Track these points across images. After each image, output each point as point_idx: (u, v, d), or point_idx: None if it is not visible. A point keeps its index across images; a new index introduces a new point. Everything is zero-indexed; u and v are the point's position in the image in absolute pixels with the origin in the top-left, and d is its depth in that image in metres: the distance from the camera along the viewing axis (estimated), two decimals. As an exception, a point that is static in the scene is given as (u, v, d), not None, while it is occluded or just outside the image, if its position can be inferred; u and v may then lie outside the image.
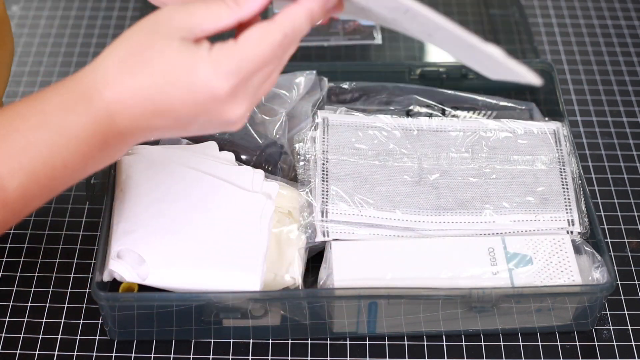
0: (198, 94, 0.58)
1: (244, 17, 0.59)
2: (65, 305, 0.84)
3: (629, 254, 0.89)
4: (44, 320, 0.83)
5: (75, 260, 0.87)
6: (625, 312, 0.84)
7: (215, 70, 0.57)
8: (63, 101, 0.58)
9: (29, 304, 0.84)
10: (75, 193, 0.94)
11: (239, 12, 0.58)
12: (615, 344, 0.81)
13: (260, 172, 0.84)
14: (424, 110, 0.95)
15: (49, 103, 0.59)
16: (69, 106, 0.58)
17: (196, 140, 0.88)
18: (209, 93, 0.58)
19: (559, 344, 0.81)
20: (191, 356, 0.80)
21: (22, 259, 0.88)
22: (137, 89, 0.58)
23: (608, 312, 0.84)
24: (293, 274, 0.80)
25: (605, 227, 0.92)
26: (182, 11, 0.58)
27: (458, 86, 0.99)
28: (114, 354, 0.80)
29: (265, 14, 0.62)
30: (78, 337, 0.82)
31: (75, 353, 0.80)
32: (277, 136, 0.90)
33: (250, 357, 0.80)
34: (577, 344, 0.81)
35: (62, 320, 0.83)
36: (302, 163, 0.87)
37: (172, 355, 0.80)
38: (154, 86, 0.58)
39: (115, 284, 0.80)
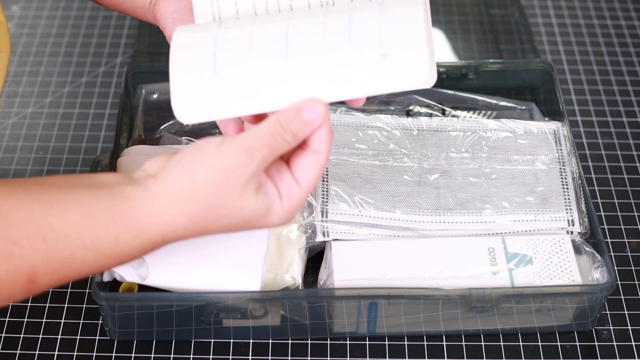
0: (264, 228, 0.64)
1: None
2: (65, 305, 0.84)
3: (629, 254, 0.89)
4: (44, 320, 0.83)
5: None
6: (625, 312, 0.84)
7: (286, 219, 0.63)
8: (120, 234, 0.59)
9: (29, 304, 0.84)
10: (75, 193, 0.94)
11: (295, 144, 0.62)
12: (615, 344, 0.81)
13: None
14: (424, 110, 0.95)
15: (105, 229, 0.59)
16: (124, 240, 0.59)
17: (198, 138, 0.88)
18: (274, 226, 0.64)
19: (559, 344, 0.81)
20: (191, 356, 0.80)
21: (22, 259, 0.88)
22: (205, 233, 0.62)
23: (608, 312, 0.84)
24: (293, 274, 0.80)
25: (605, 227, 0.92)
26: (247, 160, 0.60)
27: (458, 86, 0.99)
28: (114, 354, 0.80)
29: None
30: (78, 337, 0.82)
31: (75, 353, 0.80)
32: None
33: (250, 357, 0.80)
34: (577, 344, 0.81)
35: (62, 321, 0.83)
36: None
37: (172, 355, 0.80)
38: (226, 229, 0.63)
39: (115, 284, 0.80)
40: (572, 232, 0.83)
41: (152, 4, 0.78)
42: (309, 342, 0.81)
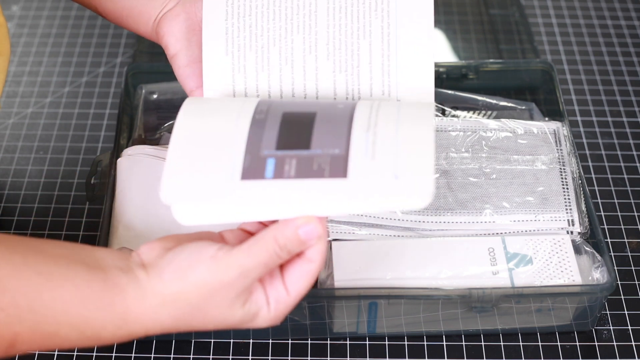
0: (247, 328, 0.64)
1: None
2: (65, 305, 0.84)
3: (629, 254, 0.89)
4: (44, 320, 0.83)
5: (75, 260, 0.87)
6: (625, 312, 0.84)
7: (271, 323, 0.64)
8: (106, 322, 0.60)
9: (29, 304, 0.84)
10: (75, 193, 0.95)
11: (288, 258, 0.62)
12: (615, 344, 0.81)
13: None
14: (424, 110, 0.95)
15: (92, 314, 0.59)
16: (109, 328, 0.60)
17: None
18: (257, 328, 0.64)
19: (559, 344, 0.81)
20: (191, 356, 0.80)
21: (22, 259, 0.88)
22: (189, 330, 0.63)
23: (608, 312, 0.84)
24: (293, 274, 0.80)
25: (605, 227, 0.92)
26: (240, 280, 0.60)
27: (458, 86, 0.99)
28: (114, 354, 0.80)
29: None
30: (78, 337, 0.81)
31: (75, 353, 0.80)
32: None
33: (250, 357, 0.80)
34: (577, 344, 0.81)
35: (62, 320, 0.83)
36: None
37: (172, 355, 0.80)
38: (209, 329, 0.63)
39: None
40: (572, 232, 0.83)
41: (156, 21, 0.79)
42: (309, 342, 0.81)
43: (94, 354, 0.80)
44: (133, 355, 0.80)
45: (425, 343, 0.81)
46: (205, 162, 0.64)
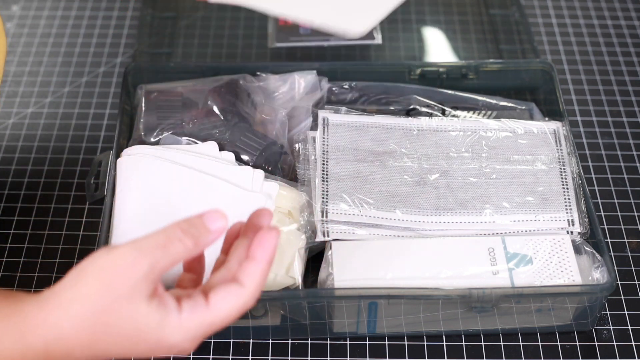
0: (162, 351, 0.59)
1: (198, 254, 0.61)
2: (65, 305, 0.84)
3: (629, 254, 0.89)
4: (44, 320, 0.83)
5: (75, 260, 0.87)
6: (625, 312, 0.84)
7: (184, 337, 0.58)
8: (2, 336, 0.56)
9: (29, 304, 0.84)
10: (75, 193, 0.95)
11: (195, 251, 0.59)
12: (615, 344, 0.81)
13: (260, 172, 0.84)
14: (424, 110, 0.95)
15: None
16: (5, 343, 0.57)
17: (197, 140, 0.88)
18: (173, 351, 0.59)
19: (559, 344, 0.81)
20: (191, 356, 0.80)
21: (22, 259, 0.88)
22: (95, 349, 0.58)
23: (608, 312, 0.84)
24: (293, 274, 0.80)
25: (605, 227, 0.92)
26: (136, 260, 0.57)
27: (458, 86, 0.99)
28: (114, 354, 0.80)
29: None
30: (78, 337, 0.81)
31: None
32: (277, 136, 0.90)
33: (250, 357, 0.80)
34: (577, 344, 0.81)
35: (62, 320, 0.83)
36: (302, 163, 0.87)
37: (172, 356, 0.80)
38: (118, 347, 0.58)
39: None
40: (572, 232, 0.83)
41: None
42: (309, 342, 0.81)
43: (94, 354, 0.80)
44: (133, 355, 0.80)
45: (425, 343, 0.81)
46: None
